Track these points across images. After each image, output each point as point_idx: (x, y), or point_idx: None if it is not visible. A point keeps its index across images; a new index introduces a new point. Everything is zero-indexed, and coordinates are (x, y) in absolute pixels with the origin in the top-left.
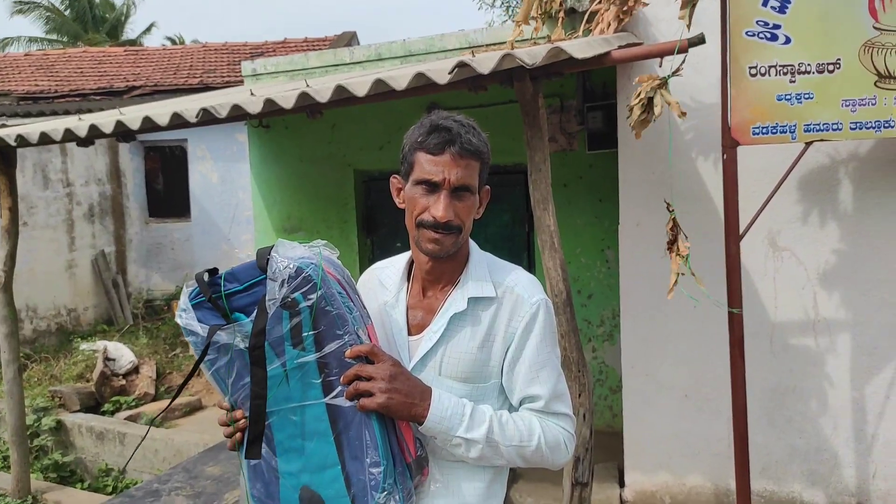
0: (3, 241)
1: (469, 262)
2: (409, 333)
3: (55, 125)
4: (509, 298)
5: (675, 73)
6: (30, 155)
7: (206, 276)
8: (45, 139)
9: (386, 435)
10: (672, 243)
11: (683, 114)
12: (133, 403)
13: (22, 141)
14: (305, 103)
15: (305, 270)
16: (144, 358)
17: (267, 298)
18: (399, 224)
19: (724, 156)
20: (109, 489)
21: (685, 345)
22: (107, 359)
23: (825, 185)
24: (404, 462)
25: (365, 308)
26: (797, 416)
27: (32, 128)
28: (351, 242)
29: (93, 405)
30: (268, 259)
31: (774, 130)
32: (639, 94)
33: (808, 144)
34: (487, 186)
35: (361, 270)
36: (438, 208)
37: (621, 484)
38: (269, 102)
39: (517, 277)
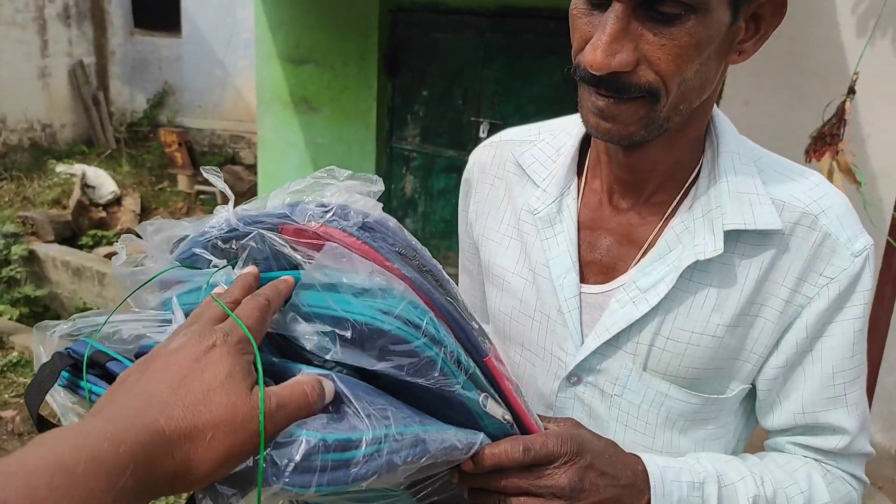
0: None
1: (718, 152)
2: (584, 280)
3: None
4: (805, 236)
5: None
6: None
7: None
8: None
9: None
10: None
11: None
12: (114, 239)
13: None
14: None
15: None
16: (127, 189)
17: None
18: (428, 68)
19: None
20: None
21: None
22: (85, 185)
23: None
24: None
25: (478, 332)
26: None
27: None
28: (370, 84)
29: (68, 236)
30: None
31: None
32: None
33: None
34: None
35: (378, 117)
36: (598, 42)
37: None
38: None
39: (822, 196)
